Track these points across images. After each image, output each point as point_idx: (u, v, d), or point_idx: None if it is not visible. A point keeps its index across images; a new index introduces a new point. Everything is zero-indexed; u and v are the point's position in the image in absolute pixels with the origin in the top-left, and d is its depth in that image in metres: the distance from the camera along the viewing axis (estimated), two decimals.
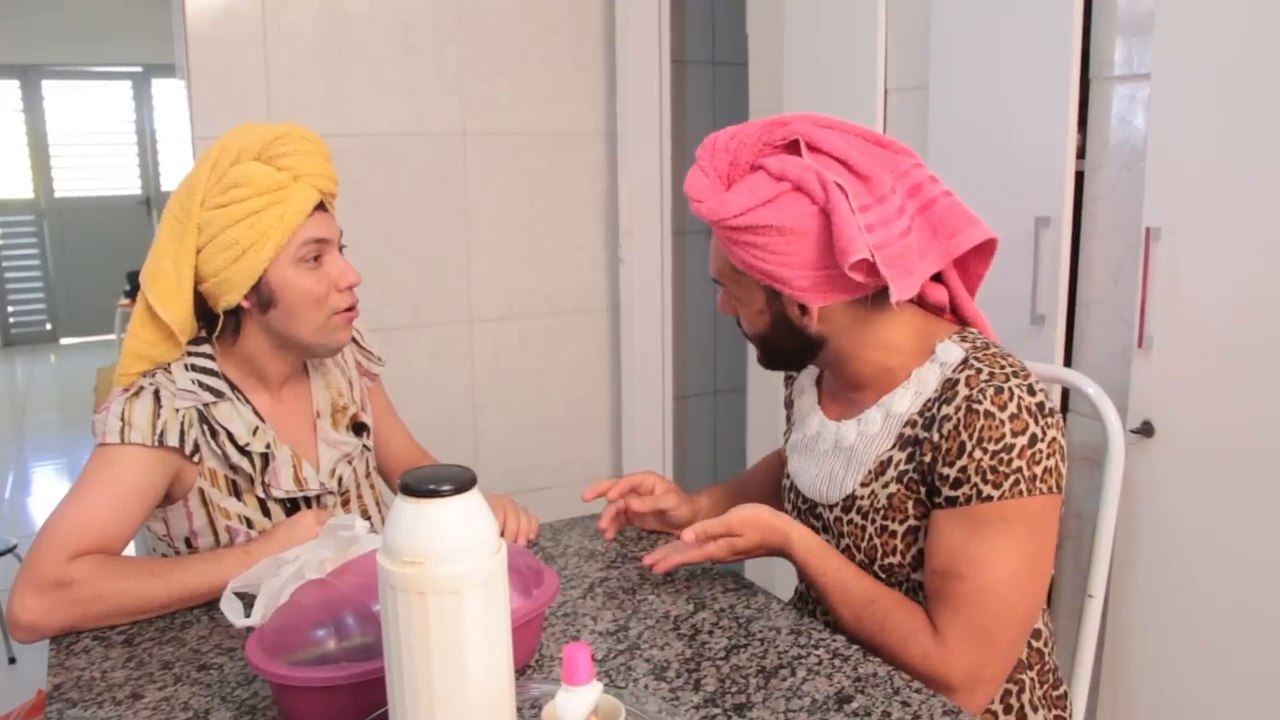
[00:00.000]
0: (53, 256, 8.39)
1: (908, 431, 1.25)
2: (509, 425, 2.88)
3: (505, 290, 2.84)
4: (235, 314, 1.43)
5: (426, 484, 0.82)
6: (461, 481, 0.83)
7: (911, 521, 1.25)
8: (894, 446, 1.26)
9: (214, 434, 1.42)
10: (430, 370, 2.77)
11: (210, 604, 1.35)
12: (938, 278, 1.33)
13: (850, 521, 1.31)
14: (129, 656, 1.23)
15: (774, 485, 1.63)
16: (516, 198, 2.82)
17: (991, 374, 1.19)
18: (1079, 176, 1.81)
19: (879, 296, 1.24)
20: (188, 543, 1.47)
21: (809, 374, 1.47)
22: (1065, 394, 1.88)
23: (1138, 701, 1.74)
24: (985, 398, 1.17)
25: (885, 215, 1.20)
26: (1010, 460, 1.16)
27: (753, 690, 1.11)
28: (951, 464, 1.18)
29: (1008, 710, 1.28)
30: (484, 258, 2.80)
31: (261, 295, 1.41)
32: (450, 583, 0.81)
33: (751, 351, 2.73)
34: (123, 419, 1.36)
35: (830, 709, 1.07)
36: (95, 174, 8.36)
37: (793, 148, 1.23)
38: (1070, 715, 1.36)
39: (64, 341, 8.52)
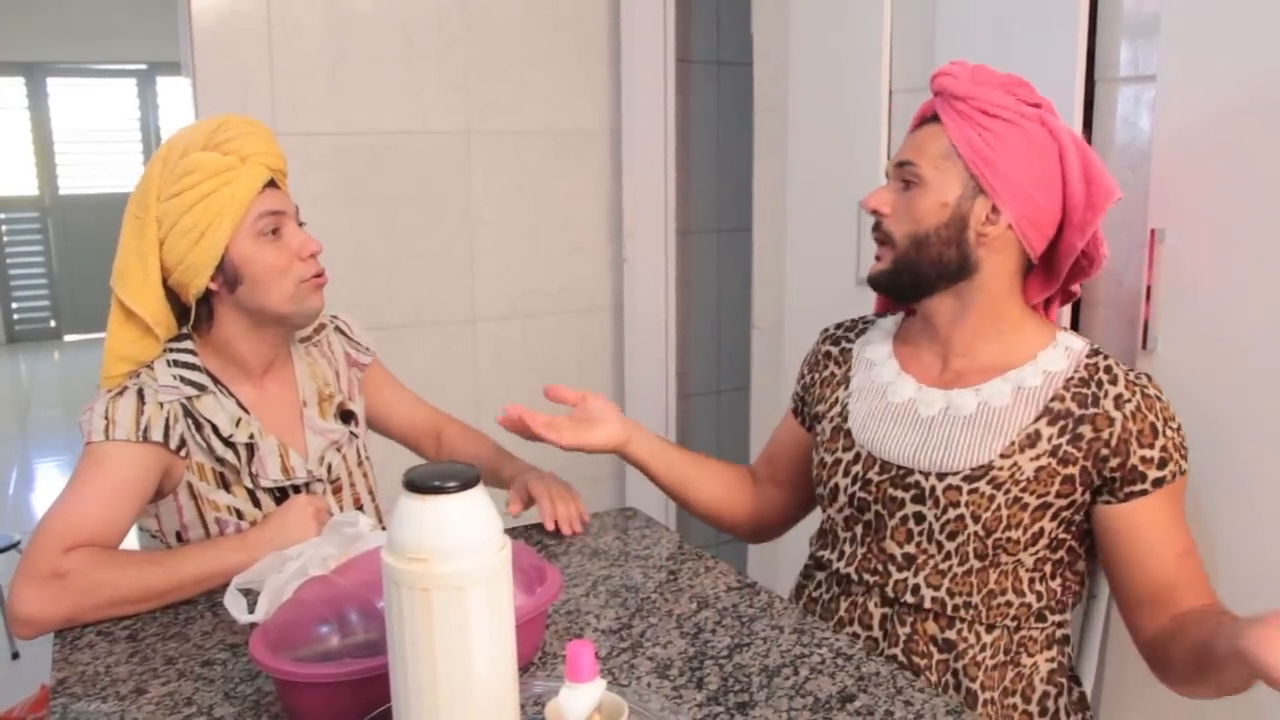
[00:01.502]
0: (57, 254, 8.40)
1: (1056, 406, 1.26)
2: None
3: (509, 289, 2.84)
4: (207, 301, 1.46)
5: (431, 481, 0.82)
6: (466, 478, 0.83)
7: (1050, 498, 1.25)
8: (1041, 419, 1.26)
9: (199, 427, 1.44)
10: (433, 370, 2.77)
11: (213, 600, 1.35)
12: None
13: (974, 491, 1.26)
14: (133, 652, 1.23)
15: (709, 485, 1.59)
16: (520, 197, 2.82)
17: (1130, 368, 1.29)
18: None
19: (1025, 268, 1.33)
20: (178, 537, 1.48)
21: (879, 347, 1.44)
22: None
23: (1146, 691, 1.74)
24: (1146, 382, 1.27)
25: None
26: (1184, 438, 1.27)
27: (755, 689, 1.11)
28: (1150, 445, 1.23)
29: (1044, 713, 1.28)
30: (487, 257, 2.80)
31: (227, 274, 1.44)
32: (455, 579, 0.81)
33: (755, 349, 2.74)
34: (106, 417, 1.38)
35: (833, 708, 1.07)
36: (100, 171, 8.37)
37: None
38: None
39: (68, 339, 8.53)
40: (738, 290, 3.17)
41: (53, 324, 8.56)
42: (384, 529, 1.59)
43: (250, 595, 1.21)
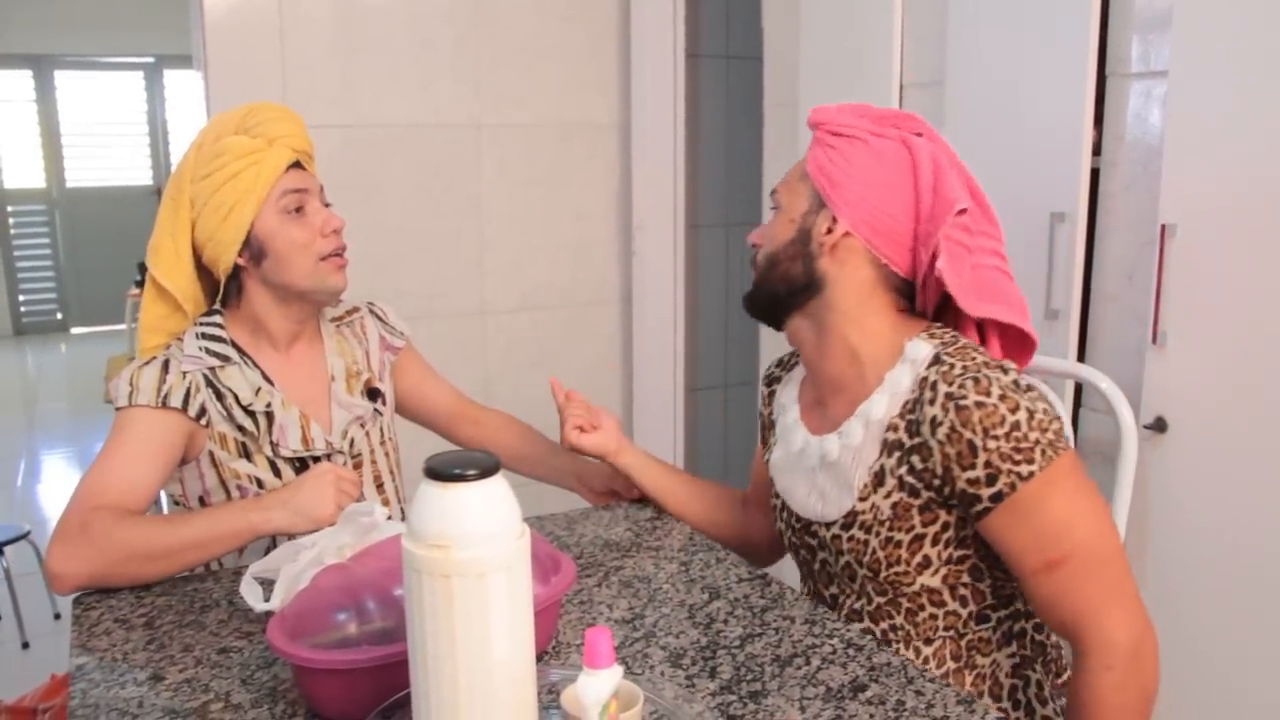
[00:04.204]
0: (64, 246, 8.42)
1: (890, 436, 1.23)
2: (521, 416, 2.89)
3: (518, 282, 2.85)
4: (236, 276, 1.53)
5: (452, 468, 0.83)
6: (486, 466, 0.83)
7: (918, 529, 1.23)
8: (882, 454, 1.24)
9: (220, 397, 1.50)
10: (443, 361, 2.75)
11: (229, 588, 1.37)
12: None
13: (852, 538, 1.27)
14: (150, 639, 1.24)
15: (711, 507, 1.62)
16: (530, 190, 2.83)
17: (965, 367, 1.18)
18: (1094, 173, 1.82)
19: (891, 281, 1.28)
20: (201, 502, 1.54)
21: (790, 390, 1.45)
22: (1078, 389, 1.88)
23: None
24: (968, 390, 1.16)
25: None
26: (1026, 435, 1.14)
27: (768, 678, 1.12)
28: (971, 466, 1.16)
29: (1016, 705, 1.28)
30: (497, 249, 2.81)
31: (253, 249, 1.50)
32: (475, 566, 0.81)
33: (764, 344, 2.75)
34: (130, 384, 1.46)
35: (845, 697, 1.08)
36: (107, 164, 8.39)
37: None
38: None
39: (74, 331, 8.56)
40: (746, 285, 3.17)
41: (59, 316, 8.58)
42: (403, 509, 1.63)
43: (266, 584, 1.22)
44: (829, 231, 1.26)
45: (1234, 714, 1.63)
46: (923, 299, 1.31)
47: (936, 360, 1.21)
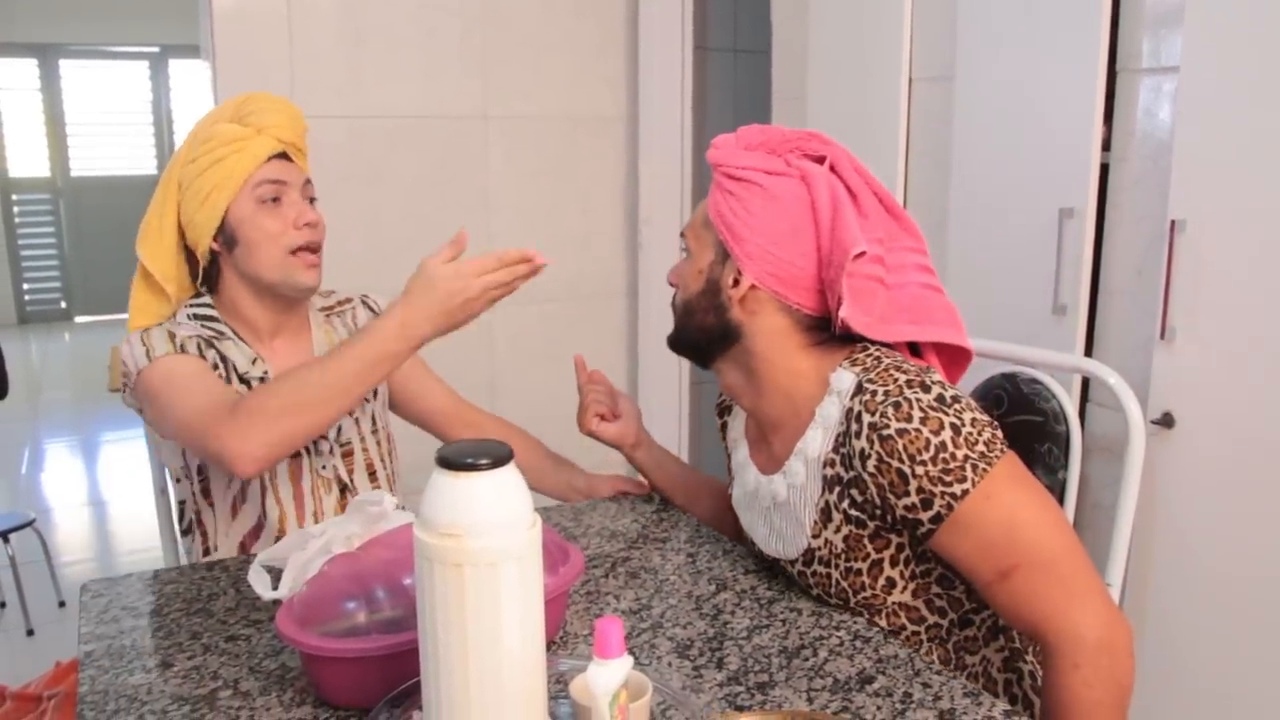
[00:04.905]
0: (68, 235, 8.43)
1: (828, 472, 1.23)
2: (527, 409, 2.87)
3: None
4: (215, 262, 1.54)
5: (465, 458, 0.83)
6: (499, 456, 0.84)
7: (874, 556, 1.23)
8: (824, 490, 1.24)
9: (223, 359, 1.53)
10: (448, 353, 2.75)
11: (237, 577, 1.37)
12: None
13: (815, 573, 1.28)
14: (158, 626, 1.24)
15: (714, 503, 1.62)
16: (537, 182, 2.83)
17: (886, 392, 1.16)
18: (1104, 168, 1.82)
19: (806, 323, 1.26)
20: (200, 471, 1.54)
21: (738, 423, 1.45)
22: (1085, 384, 1.88)
23: (1155, 689, 1.75)
24: (889, 419, 1.14)
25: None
26: (953, 454, 1.13)
27: (775, 670, 1.12)
28: (905, 494, 1.15)
29: (1013, 700, 1.28)
30: (504, 241, 2.81)
31: (226, 235, 1.52)
32: (487, 555, 0.82)
33: None
34: (144, 344, 1.49)
35: (852, 689, 1.08)
36: (111, 153, 8.39)
37: (819, 162, 1.26)
38: None
39: (78, 320, 8.56)
40: None
41: (63, 305, 8.59)
42: (393, 496, 1.63)
43: (273, 572, 1.22)
44: (735, 284, 1.26)
45: (1239, 709, 1.63)
46: (843, 326, 1.27)
47: (859, 389, 1.19)
